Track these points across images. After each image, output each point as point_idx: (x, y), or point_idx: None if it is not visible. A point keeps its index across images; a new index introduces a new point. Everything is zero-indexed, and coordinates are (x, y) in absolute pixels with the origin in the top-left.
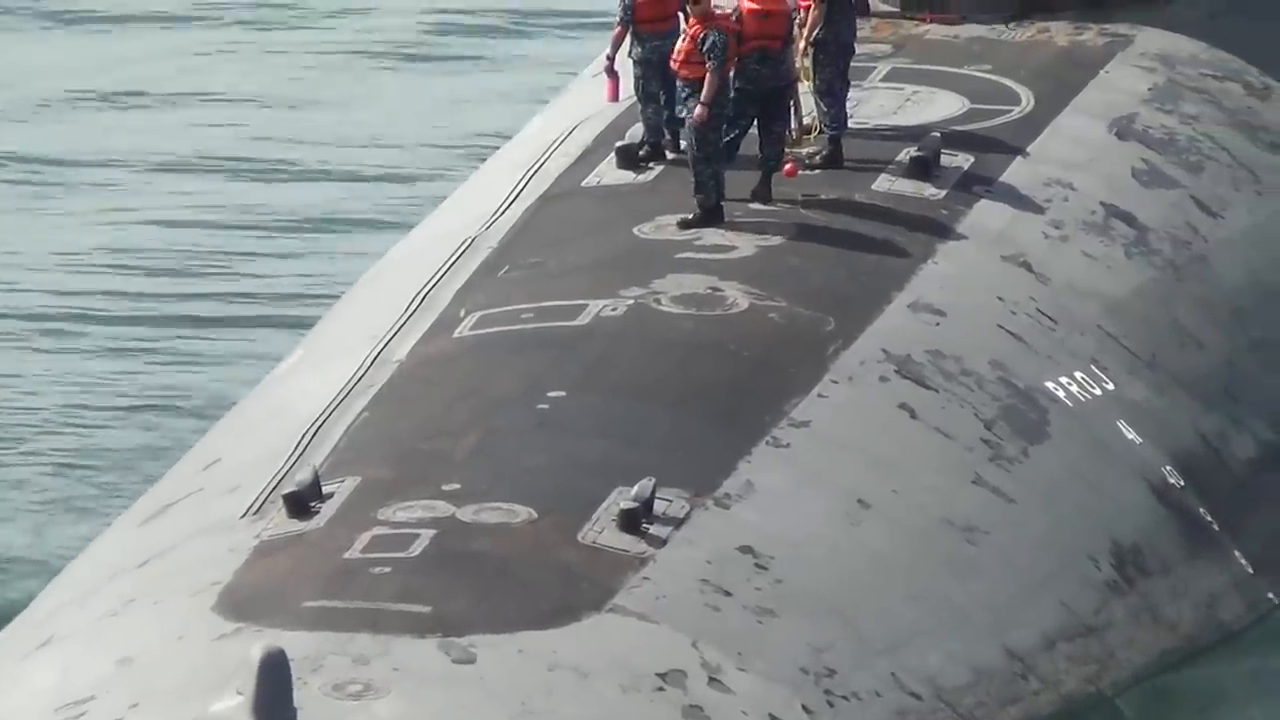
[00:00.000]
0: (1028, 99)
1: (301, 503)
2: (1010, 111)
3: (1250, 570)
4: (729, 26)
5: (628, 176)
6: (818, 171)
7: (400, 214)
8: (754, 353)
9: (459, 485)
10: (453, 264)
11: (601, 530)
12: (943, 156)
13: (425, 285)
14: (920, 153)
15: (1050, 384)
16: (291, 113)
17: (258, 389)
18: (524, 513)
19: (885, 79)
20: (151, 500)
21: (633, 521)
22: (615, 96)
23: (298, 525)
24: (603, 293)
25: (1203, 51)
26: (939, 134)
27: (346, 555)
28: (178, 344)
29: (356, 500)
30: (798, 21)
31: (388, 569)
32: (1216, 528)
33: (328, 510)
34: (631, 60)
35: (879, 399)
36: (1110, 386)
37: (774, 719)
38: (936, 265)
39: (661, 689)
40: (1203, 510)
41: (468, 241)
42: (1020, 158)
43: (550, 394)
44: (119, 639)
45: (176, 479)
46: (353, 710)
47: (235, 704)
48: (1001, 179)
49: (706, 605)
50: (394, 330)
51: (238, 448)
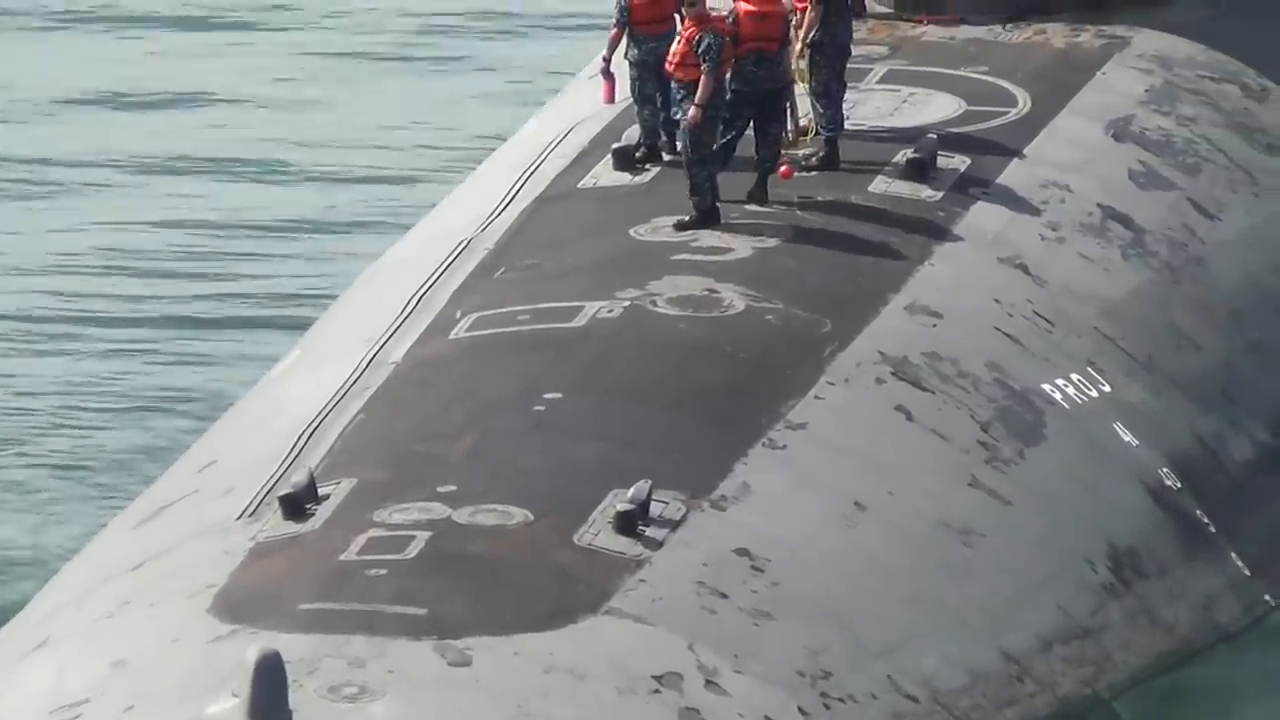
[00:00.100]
0: (1024, 101)
1: (297, 505)
2: (1007, 113)
3: (1247, 572)
4: (724, 29)
5: (624, 178)
6: (814, 173)
7: (397, 216)
8: (750, 355)
9: (455, 487)
10: (449, 266)
11: (598, 532)
12: (939, 158)
13: (421, 287)
14: (917, 154)
15: (1047, 386)
16: (289, 114)
17: (253, 391)
18: (520, 515)
19: (882, 81)
20: (147, 502)
21: (629, 524)
22: (611, 98)
23: (293, 527)
24: (599, 294)
25: (1200, 53)
26: (935, 136)
27: (342, 557)
28: (175, 345)
29: (352, 502)
30: (794, 23)
31: (383, 571)
32: (1213, 530)
33: (323, 512)
34: (627, 62)
35: (875, 401)
36: (1107, 388)
37: None
38: (933, 267)
39: (658, 691)
40: (1199, 512)
41: (464, 243)
42: (1017, 160)
43: (546, 396)
44: (114, 641)
45: (172, 481)
46: (348, 712)
47: (231, 706)
48: (998, 181)
49: (703, 607)
50: (390, 332)
51: (233, 450)
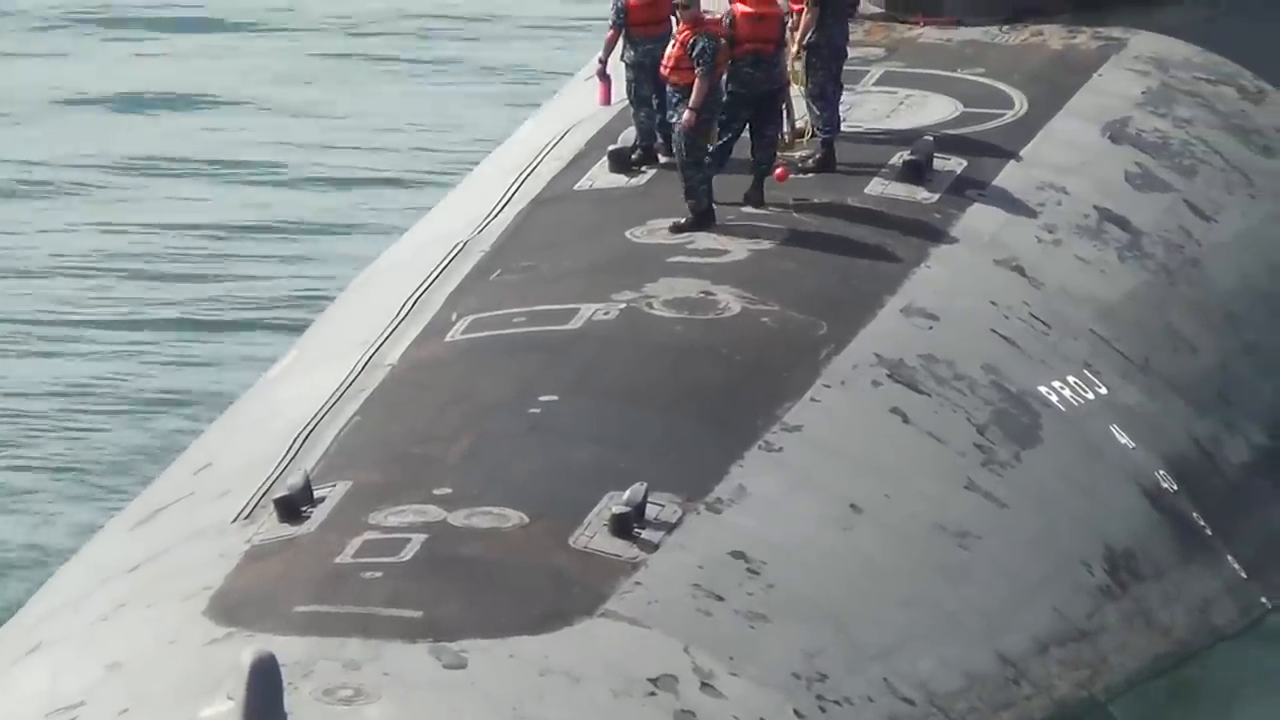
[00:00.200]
0: (1021, 103)
1: (293, 507)
2: (1003, 115)
3: (1243, 574)
4: (718, 31)
5: (620, 180)
6: (810, 175)
7: (393, 218)
8: (746, 357)
9: (450, 490)
10: (445, 268)
11: (593, 535)
12: (935, 160)
13: (417, 289)
14: (913, 156)
15: (1043, 388)
16: (286, 117)
17: (249, 393)
18: (515, 517)
19: (878, 82)
20: (143, 504)
21: (624, 526)
22: (607, 100)
23: (289, 530)
24: (595, 297)
25: (1196, 55)
26: (932, 138)
27: (338, 560)
28: (171, 347)
29: (348, 505)
30: (790, 25)
31: (379, 574)
32: (1209, 532)
33: (319, 515)
34: (623, 64)
35: (871, 403)
36: (1103, 391)
37: None
38: (929, 269)
39: (653, 694)
40: (1196, 514)
41: (460, 245)
42: (1013, 162)
43: (542, 398)
44: (110, 644)
45: (168, 483)
46: (344, 715)
47: (226, 709)
48: (994, 183)
49: (698, 610)
50: (386, 334)
51: (229, 452)
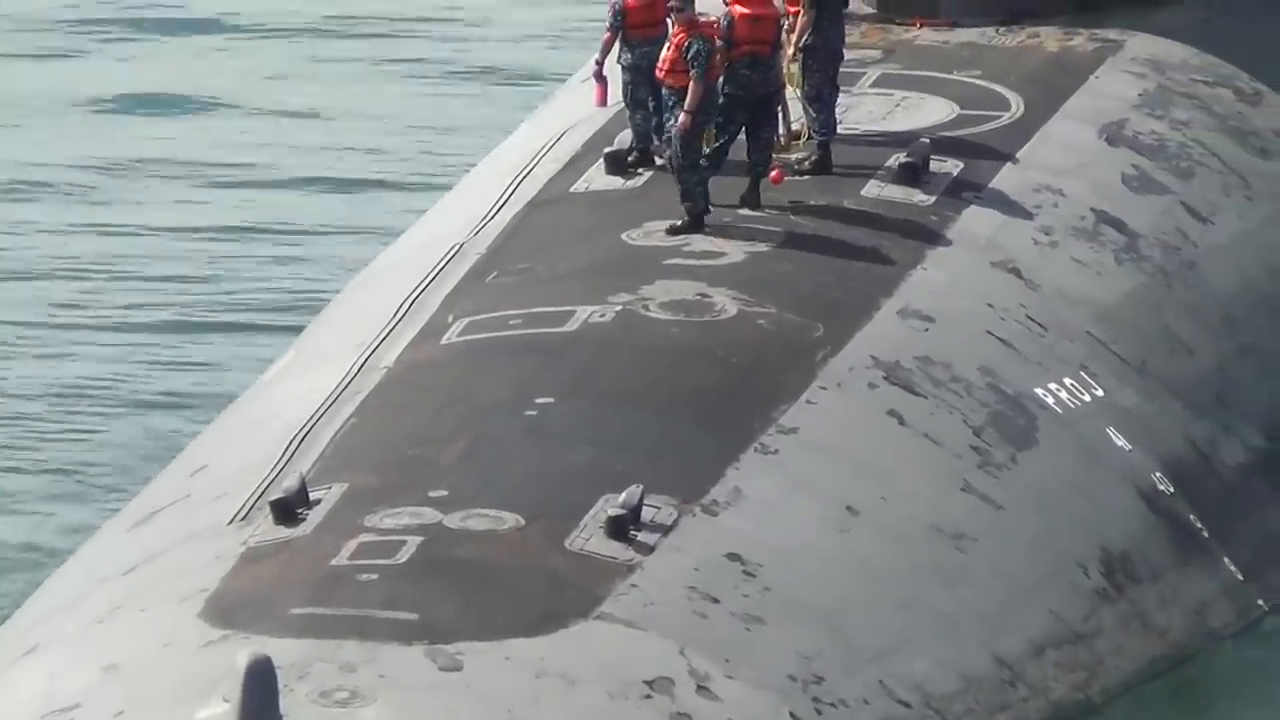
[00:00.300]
0: (1017, 104)
1: (288, 509)
2: (1000, 117)
3: (1240, 577)
4: (713, 34)
5: (616, 182)
6: (807, 177)
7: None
8: (742, 359)
9: (446, 492)
10: (441, 270)
11: (589, 537)
12: (932, 162)
13: (414, 291)
14: (909, 158)
15: (1040, 390)
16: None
17: (245, 395)
18: (511, 519)
19: (875, 84)
20: (139, 506)
21: (620, 528)
22: (603, 101)
23: (284, 532)
24: (591, 299)
25: (1193, 57)
26: (928, 140)
27: (333, 562)
28: (168, 349)
29: (343, 507)
30: (786, 27)
31: (375, 576)
32: (1206, 534)
33: (315, 517)
34: (620, 66)
35: (868, 405)
36: (1100, 393)
37: None
38: (925, 271)
39: (649, 696)
40: (1192, 517)
41: (456, 247)
42: (1010, 164)
43: (538, 400)
44: (105, 646)
45: (164, 485)
46: (340, 717)
47: (222, 711)
48: (991, 185)
49: (694, 612)
50: (382, 336)
51: (225, 454)
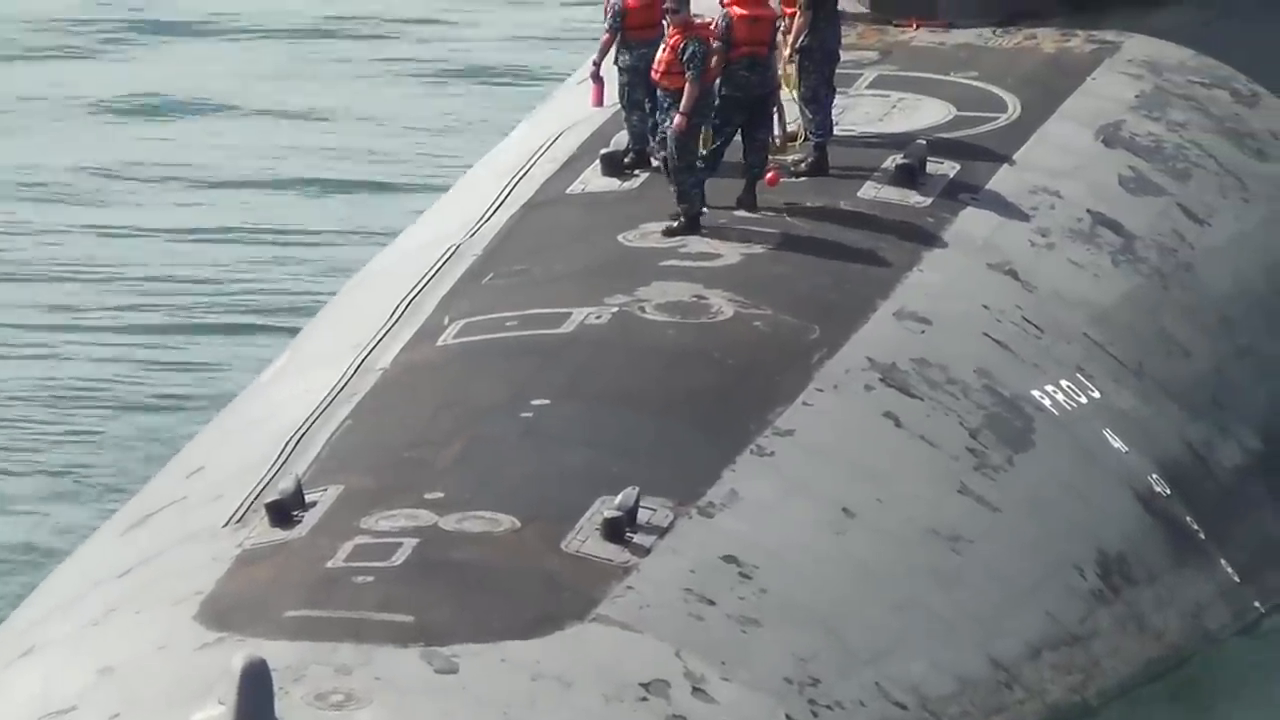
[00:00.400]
0: (1014, 106)
1: (284, 511)
2: (997, 118)
3: (1236, 579)
4: (708, 35)
5: (612, 184)
6: (803, 179)
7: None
8: (739, 361)
9: (442, 494)
10: (437, 271)
11: (585, 539)
12: (928, 164)
13: (409, 293)
14: (906, 160)
15: (1036, 392)
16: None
17: (241, 397)
18: (507, 521)
19: (871, 86)
20: (135, 508)
21: (616, 530)
22: (600, 101)
23: (280, 534)
24: (587, 300)
25: (1190, 58)
26: (925, 141)
27: (329, 564)
28: (164, 351)
29: (339, 509)
30: (782, 29)
31: (370, 578)
32: (1203, 536)
33: (310, 519)
34: (617, 67)
35: (864, 407)
36: (1096, 395)
37: None
38: (922, 273)
39: (645, 699)
40: (1189, 519)
41: (452, 249)
42: (1006, 165)
43: (534, 402)
44: (101, 648)
45: (160, 487)
46: None
47: (217, 714)
48: (988, 187)
49: (690, 615)
50: (378, 338)
51: (221, 456)
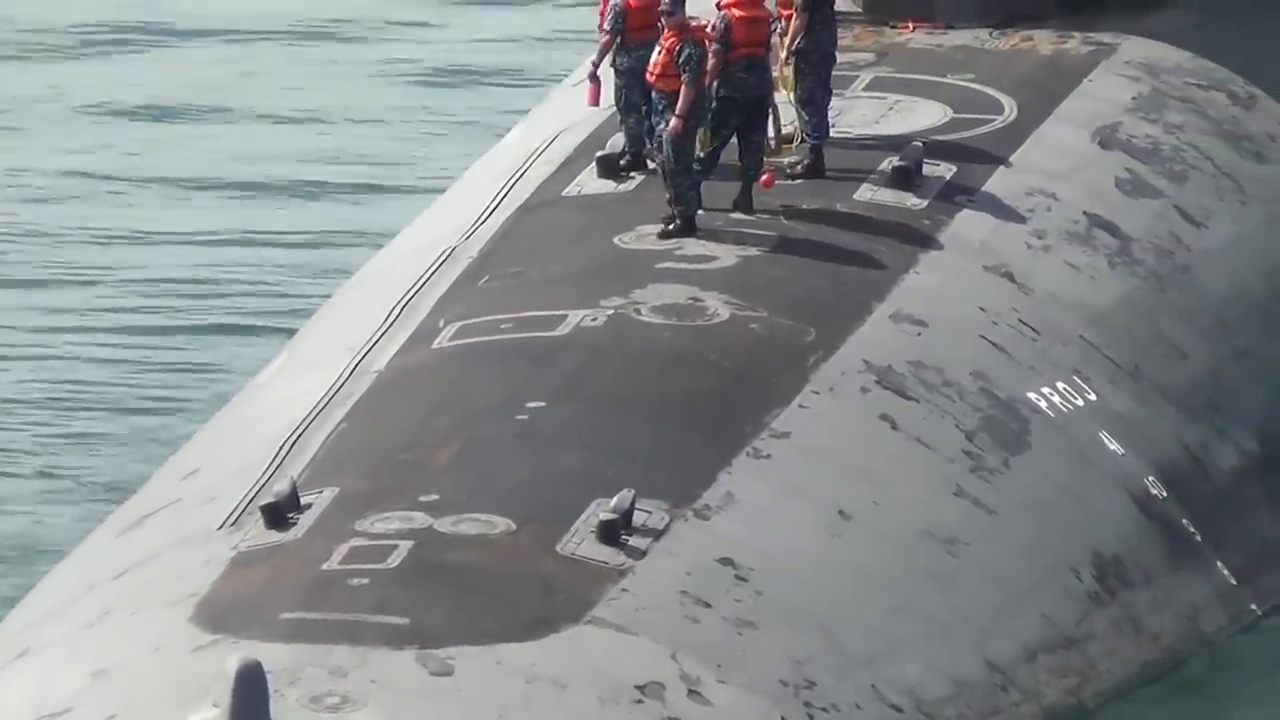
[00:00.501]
0: (1011, 108)
1: (279, 514)
2: (993, 121)
3: (1233, 581)
4: (704, 38)
5: (608, 186)
6: (799, 181)
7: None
8: (735, 363)
9: (437, 496)
10: (432, 274)
11: (580, 542)
12: (925, 166)
13: (405, 295)
14: (902, 162)
15: (1032, 395)
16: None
17: (236, 399)
18: (503, 524)
19: (868, 88)
20: (130, 510)
21: (612, 533)
22: (596, 101)
23: (275, 536)
24: (583, 303)
25: (1187, 60)
26: (921, 143)
27: (324, 567)
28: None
29: (334, 511)
30: (778, 31)
31: (366, 580)
32: (1199, 539)
33: (305, 521)
34: (614, 69)
35: (860, 410)
36: (1093, 397)
37: None
38: (918, 276)
39: (640, 701)
40: (1185, 521)
41: (447, 251)
42: (1003, 167)
43: (530, 405)
44: (96, 650)
45: (155, 489)
46: None
47: (212, 716)
48: (984, 189)
49: (686, 617)
50: (373, 340)
51: (216, 458)
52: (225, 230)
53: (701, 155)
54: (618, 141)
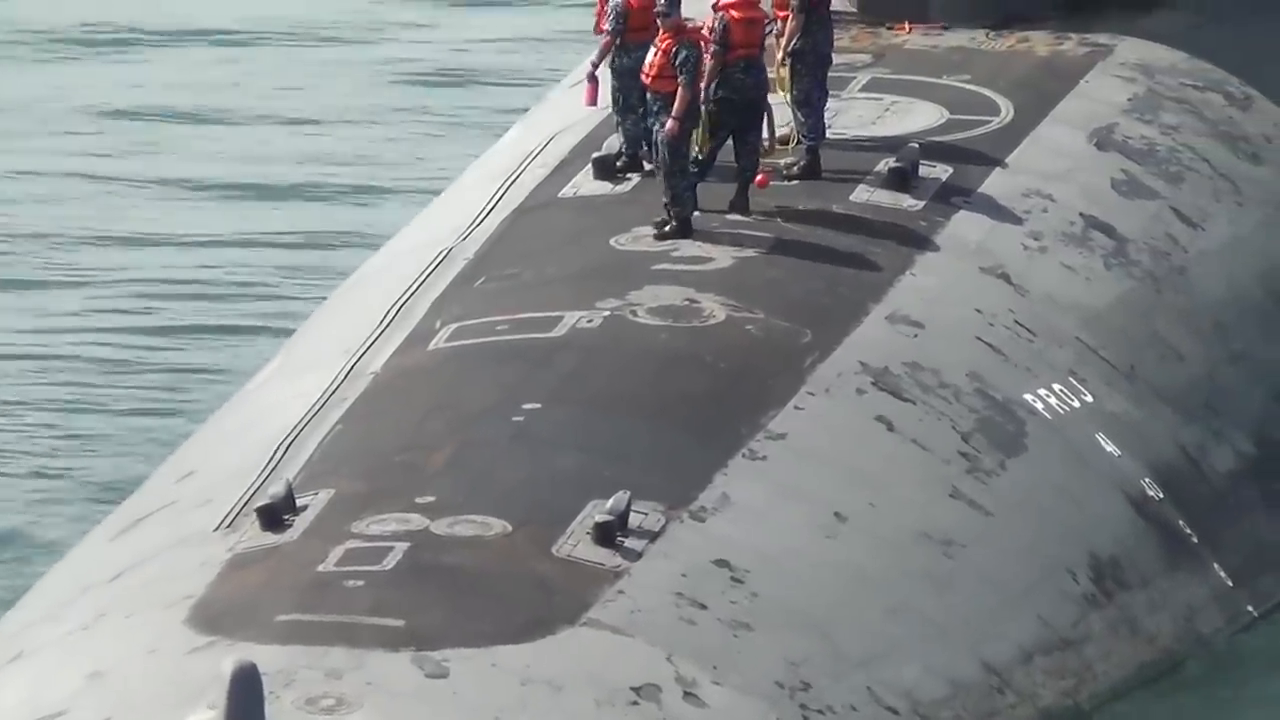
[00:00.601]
0: (1007, 109)
1: (275, 516)
2: (989, 122)
3: (1229, 583)
4: (700, 39)
5: (604, 188)
6: (795, 182)
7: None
8: (731, 365)
9: (433, 498)
10: (428, 275)
11: (576, 543)
12: (921, 167)
13: (401, 296)
14: (899, 163)
15: (1029, 396)
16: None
17: (232, 400)
18: (498, 525)
19: (864, 89)
20: (125, 513)
21: (608, 535)
22: (593, 100)
23: (271, 538)
24: (579, 304)
25: (1183, 61)
26: (917, 144)
27: (320, 569)
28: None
29: (330, 513)
30: (774, 32)
31: (361, 582)
32: (1195, 540)
33: (301, 523)
34: (612, 70)
35: (856, 411)
36: (1089, 399)
37: None
38: (914, 277)
39: (636, 703)
40: (1182, 522)
41: (444, 253)
42: (999, 169)
43: (525, 406)
44: (91, 653)
45: (150, 491)
46: None
47: (208, 718)
48: (980, 190)
49: (681, 619)
50: (369, 342)
51: (212, 460)
52: (223, 231)
53: (697, 157)
54: (614, 143)
